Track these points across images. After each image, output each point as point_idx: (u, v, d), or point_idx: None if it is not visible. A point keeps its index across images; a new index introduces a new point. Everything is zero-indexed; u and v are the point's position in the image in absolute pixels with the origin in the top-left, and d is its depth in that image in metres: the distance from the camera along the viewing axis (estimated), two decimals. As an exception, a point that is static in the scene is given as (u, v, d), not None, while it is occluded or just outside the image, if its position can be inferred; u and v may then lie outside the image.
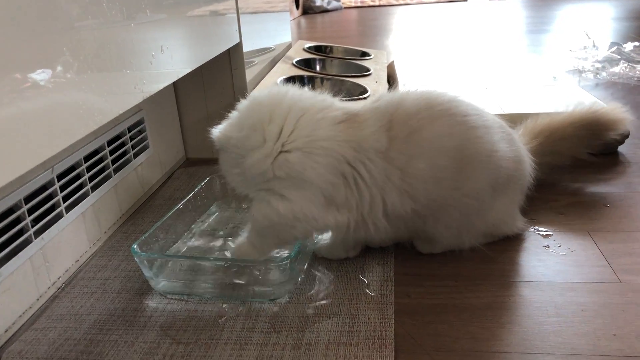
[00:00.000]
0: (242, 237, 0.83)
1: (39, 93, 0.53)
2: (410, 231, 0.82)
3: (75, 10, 0.59)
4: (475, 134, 0.78)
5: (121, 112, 0.68)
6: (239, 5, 1.21)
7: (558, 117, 1.03)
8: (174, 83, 1.26)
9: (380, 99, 0.81)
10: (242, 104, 0.80)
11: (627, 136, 1.18)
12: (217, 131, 0.78)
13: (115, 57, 0.67)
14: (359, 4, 4.94)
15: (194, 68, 0.94)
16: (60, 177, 0.84)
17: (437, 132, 0.76)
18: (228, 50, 1.21)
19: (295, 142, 0.73)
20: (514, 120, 0.96)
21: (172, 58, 0.85)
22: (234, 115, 0.79)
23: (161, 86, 0.80)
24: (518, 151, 0.85)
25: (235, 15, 1.20)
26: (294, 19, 4.18)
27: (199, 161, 1.32)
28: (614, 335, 0.66)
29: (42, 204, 0.80)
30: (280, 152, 0.73)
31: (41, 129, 0.54)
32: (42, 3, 0.53)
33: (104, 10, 0.64)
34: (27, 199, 0.77)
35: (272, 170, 0.73)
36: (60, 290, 0.82)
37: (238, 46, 1.22)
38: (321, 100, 0.79)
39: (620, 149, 1.21)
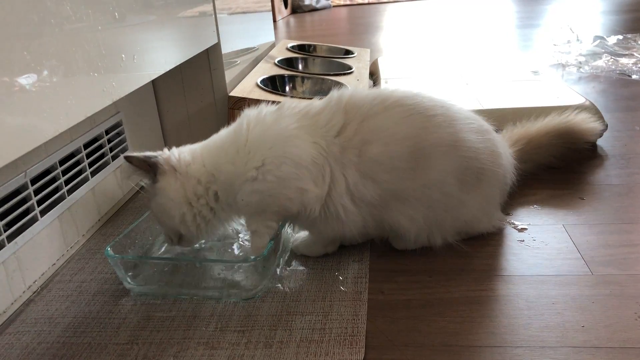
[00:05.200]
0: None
1: (-2, 98, 0.53)
2: (378, 224, 0.81)
3: (37, 14, 0.59)
4: (432, 123, 0.78)
5: (88, 115, 0.69)
6: (217, 7, 1.21)
7: (534, 126, 1.05)
8: (153, 85, 1.26)
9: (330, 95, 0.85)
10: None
11: (601, 135, 1.19)
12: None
13: (82, 60, 0.67)
14: (348, 2, 4.94)
15: (166, 70, 0.94)
16: (34, 181, 0.84)
17: (389, 120, 0.78)
18: (207, 51, 1.21)
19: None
20: (493, 115, 0.96)
21: (143, 61, 0.85)
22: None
23: (131, 89, 0.80)
24: (493, 144, 0.84)
25: (213, 16, 1.20)
26: (282, 18, 4.18)
27: (181, 162, 1.31)
28: (583, 326, 0.67)
29: (15, 208, 0.80)
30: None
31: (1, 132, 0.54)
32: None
33: (67, 13, 0.64)
34: (-1, 204, 0.77)
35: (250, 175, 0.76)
36: (35, 294, 0.82)
37: (216, 47, 1.22)
38: (274, 112, 0.82)
39: (599, 141, 1.21)
